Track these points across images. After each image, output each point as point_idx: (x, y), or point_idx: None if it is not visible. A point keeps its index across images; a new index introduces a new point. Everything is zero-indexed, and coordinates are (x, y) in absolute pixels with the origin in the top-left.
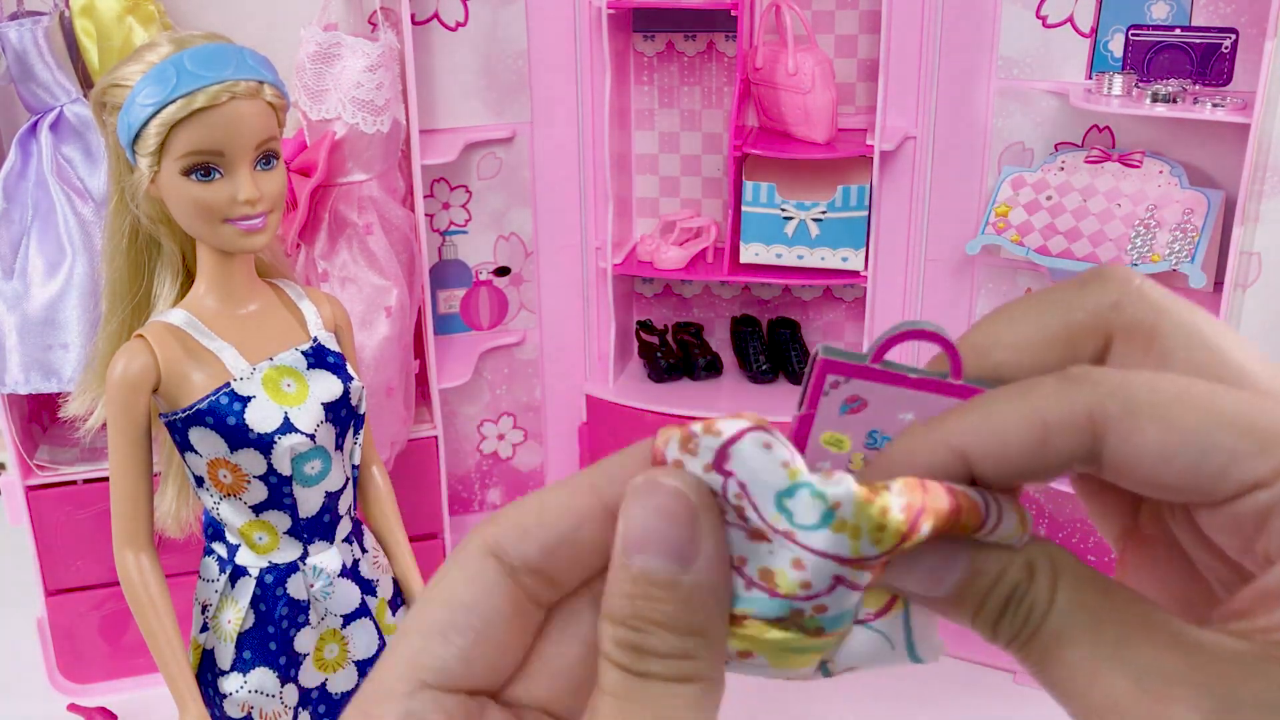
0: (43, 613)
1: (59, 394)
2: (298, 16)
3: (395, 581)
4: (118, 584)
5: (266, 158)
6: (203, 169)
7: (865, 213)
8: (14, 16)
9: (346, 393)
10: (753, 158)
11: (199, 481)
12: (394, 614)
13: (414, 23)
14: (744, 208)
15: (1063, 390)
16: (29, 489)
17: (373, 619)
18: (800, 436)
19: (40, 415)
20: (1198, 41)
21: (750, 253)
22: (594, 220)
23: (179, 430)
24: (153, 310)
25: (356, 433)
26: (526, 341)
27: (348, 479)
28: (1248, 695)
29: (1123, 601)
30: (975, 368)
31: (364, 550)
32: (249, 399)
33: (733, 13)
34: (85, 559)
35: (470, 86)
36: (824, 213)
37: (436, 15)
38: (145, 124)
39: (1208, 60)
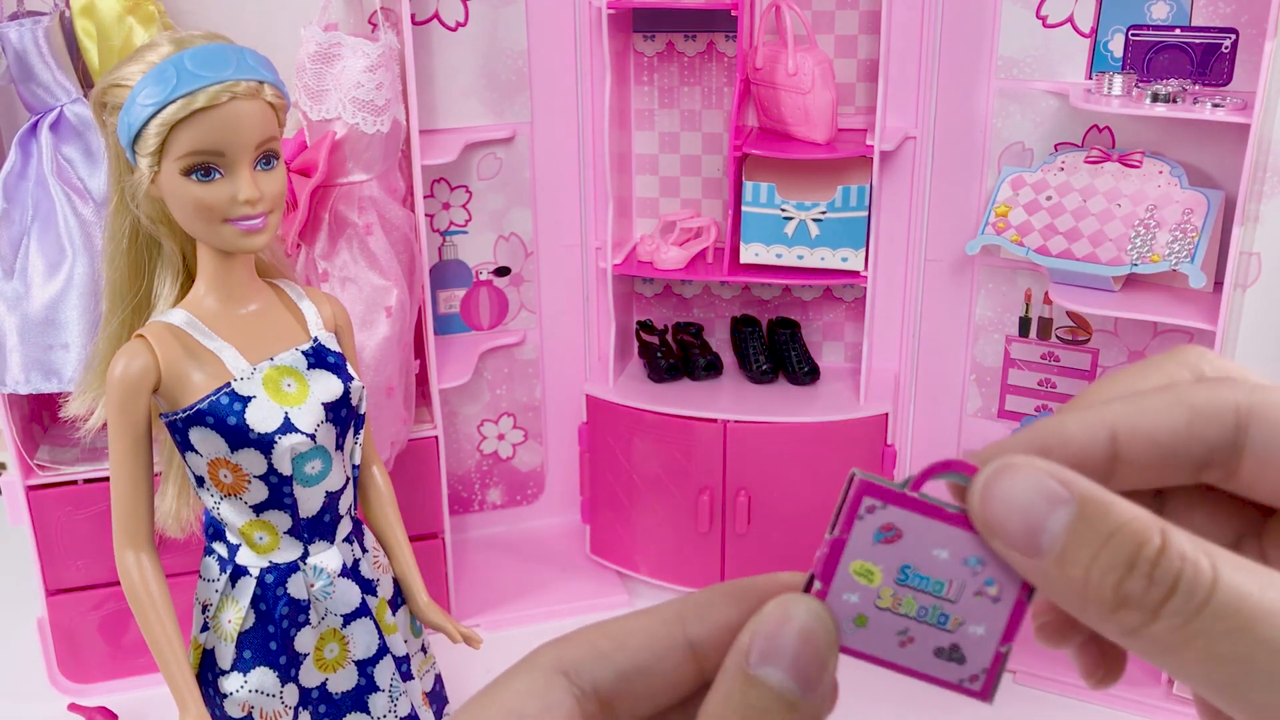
0: (43, 613)
1: (59, 394)
2: (298, 16)
3: (395, 581)
4: (118, 584)
5: (267, 158)
6: (203, 169)
7: (865, 213)
8: (14, 16)
9: (347, 392)
10: (753, 158)
11: (199, 481)
12: (394, 613)
13: (414, 23)
14: (744, 208)
15: (1210, 385)
16: (29, 489)
17: (373, 619)
18: (831, 563)
19: (40, 415)
20: (1198, 41)
21: (750, 253)
22: (594, 220)
23: (179, 430)
24: (153, 310)
25: (357, 433)
26: (526, 341)
27: (348, 479)
28: None
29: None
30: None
31: (364, 550)
32: (249, 399)
33: (733, 13)
34: (85, 559)
35: (470, 86)
36: (824, 213)
37: (436, 15)
38: (145, 124)
39: (1208, 60)
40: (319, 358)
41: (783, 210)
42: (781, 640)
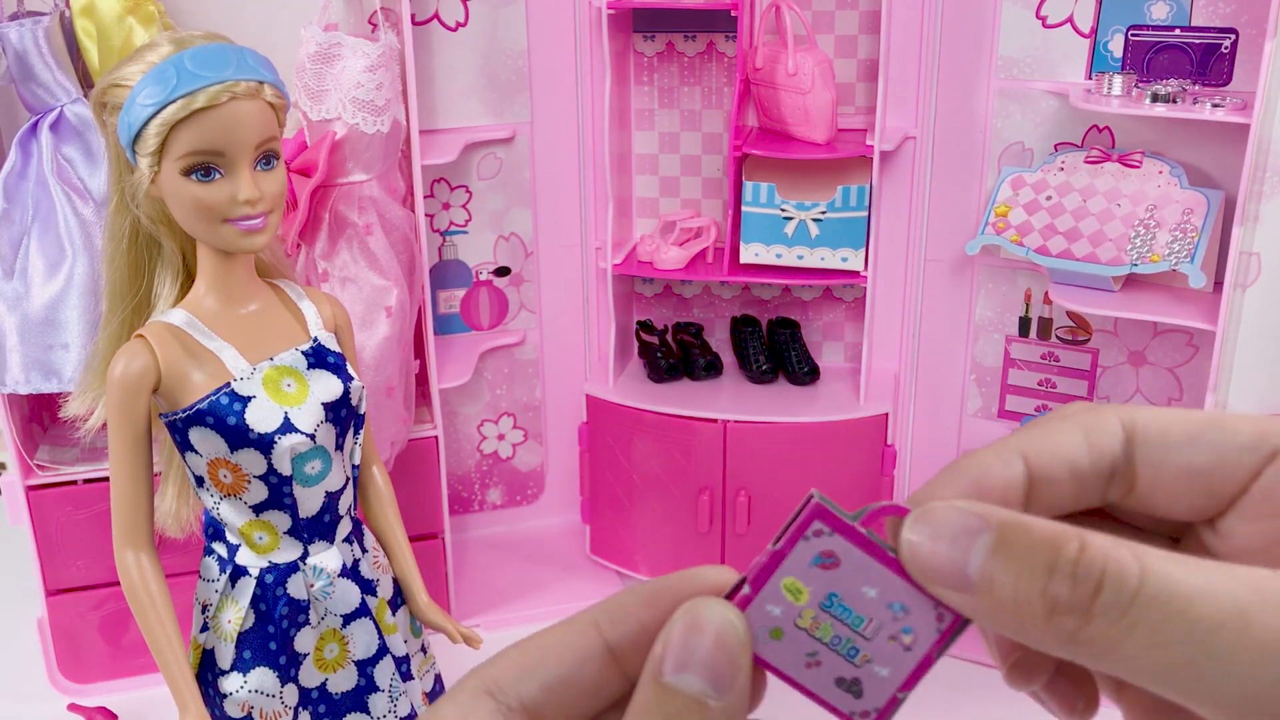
0: (43, 613)
1: (59, 394)
2: (298, 16)
3: (395, 581)
4: (118, 584)
5: (267, 158)
6: (203, 169)
7: (865, 213)
8: (14, 16)
9: (346, 393)
10: (753, 158)
11: (199, 481)
12: (393, 614)
13: (414, 23)
14: (744, 208)
15: (1093, 407)
16: (29, 489)
17: (373, 619)
18: (765, 572)
19: (40, 415)
20: (1197, 42)
21: (750, 253)
22: (594, 220)
23: (179, 430)
24: (153, 310)
25: (356, 433)
26: (526, 341)
27: (348, 479)
28: None
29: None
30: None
31: (364, 550)
32: (249, 399)
33: (733, 13)
34: (85, 559)
35: (470, 86)
36: (824, 213)
37: (436, 15)
38: (145, 124)
39: (1207, 60)
40: (319, 358)
41: (783, 210)
42: (693, 647)
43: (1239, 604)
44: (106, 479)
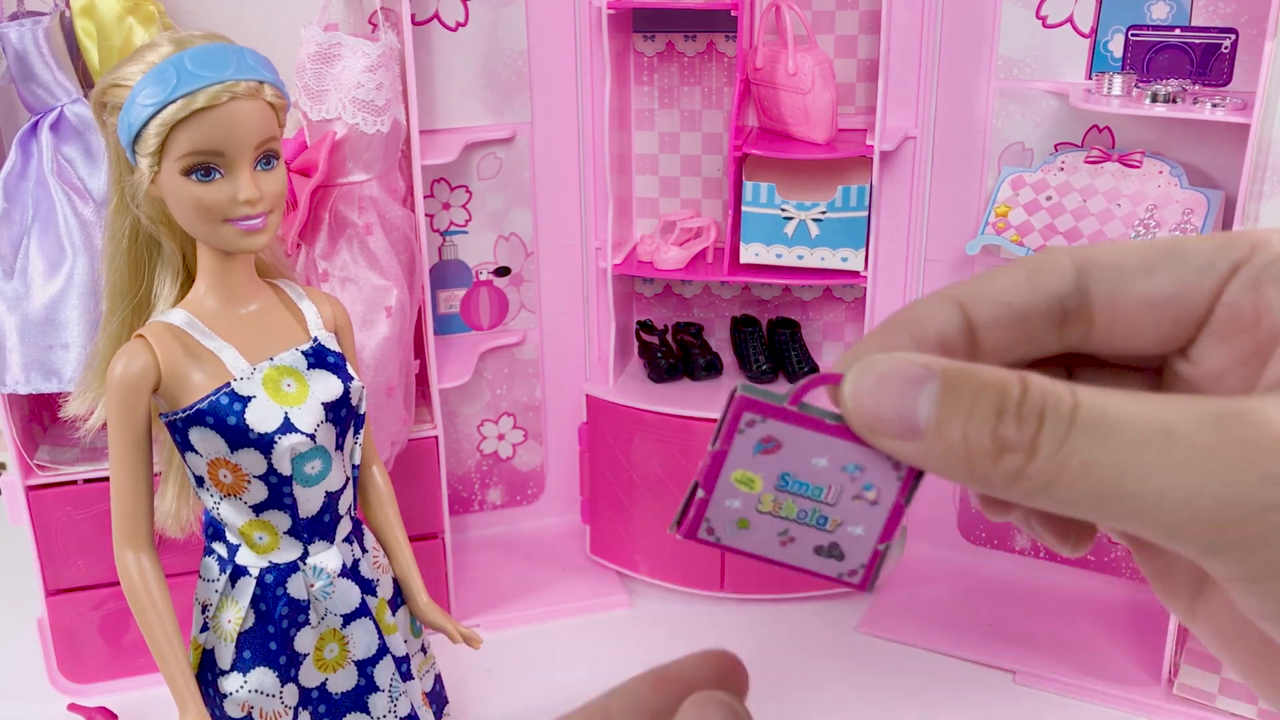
0: (43, 613)
1: (59, 394)
2: (298, 16)
3: (395, 581)
4: (118, 584)
5: (267, 158)
6: (203, 169)
7: (865, 213)
8: (14, 16)
9: (347, 392)
10: (753, 158)
11: (199, 481)
12: (394, 614)
13: (414, 23)
14: (744, 208)
15: (1045, 249)
16: (29, 489)
17: (373, 619)
18: (712, 473)
19: (40, 415)
20: (1197, 42)
21: (750, 253)
22: (594, 220)
23: (179, 430)
24: (153, 310)
25: (357, 433)
26: (526, 341)
27: (348, 479)
28: None
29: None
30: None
31: (364, 550)
32: (249, 399)
33: (733, 13)
34: (85, 559)
35: (470, 86)
36: (824, 213)
37: (436, 15)
38: (145, 124)
39: (1208, 60)
40: (319, 358)
41: (783, 210)
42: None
43: (1164, 422)
44: (107, 479)
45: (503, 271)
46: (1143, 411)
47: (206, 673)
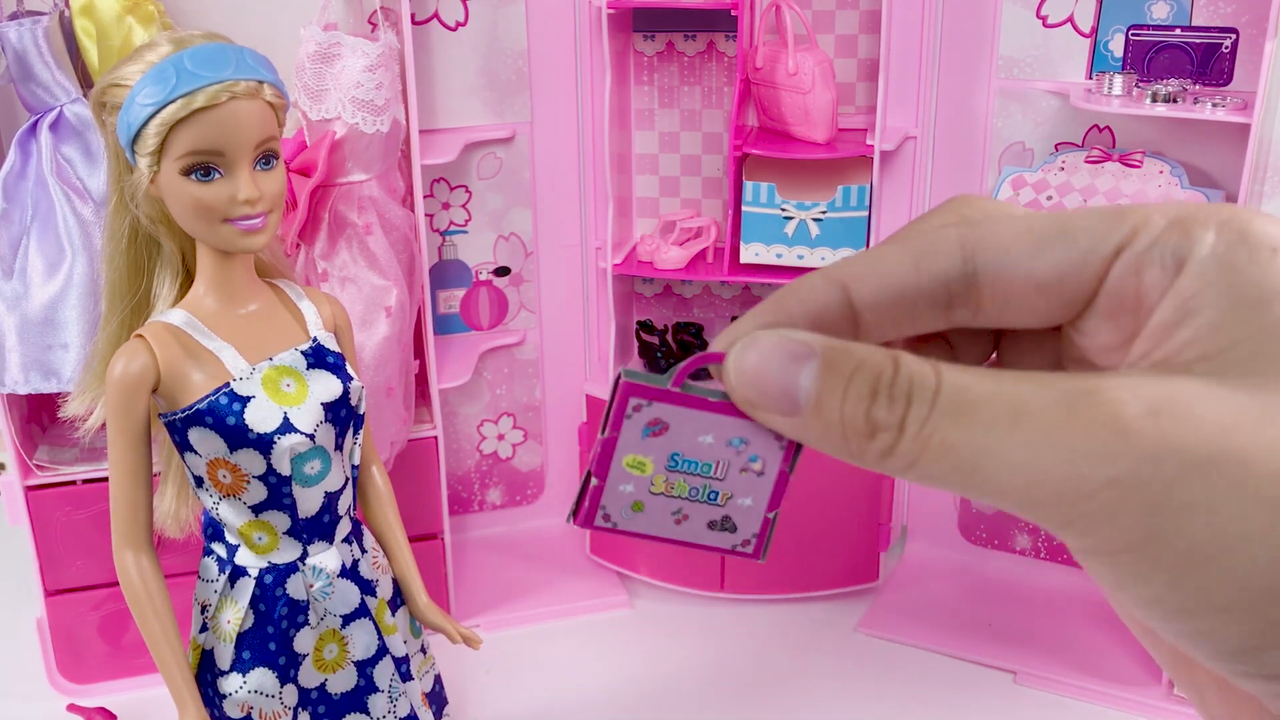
0: (42, 613)
1: (58, 394)
2: (298, 16)
3: (395, 582)
4: (117, 584)
5: (266, 157)
6: (202, 169)
7: (865, 213)
8: (14, 16)
9: (346, 393)
10: (753, 158)
11: (198, 482)
12: (393, 614)
13: (414, 23)
14: (744, 208)
15: (935, 229)
16: (28, 489)
17: (372, 619)
18: (604, 460)
19: (40, 415)
20: (1198, 41)
21: (750, 253)
22: (594, 220)
23: (178, 430)
24: (152, 310)
25: (356, 433)
26: (526, 341)
27: (347, 479)
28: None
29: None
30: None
31: (363, 550)
32: (248, 399)
33: (733, 13)
34: (85, 559)
35: (470, 86)
36: (824, 213)
37: (436, 15)
38: (145, 124)
39: (1208, 60)
40: (318, 358)
41: (783, 210)
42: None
43: (1019, 401)
44: (105, 479)
45: (502, 271)
46: (999, 391)
47: (206, 673)
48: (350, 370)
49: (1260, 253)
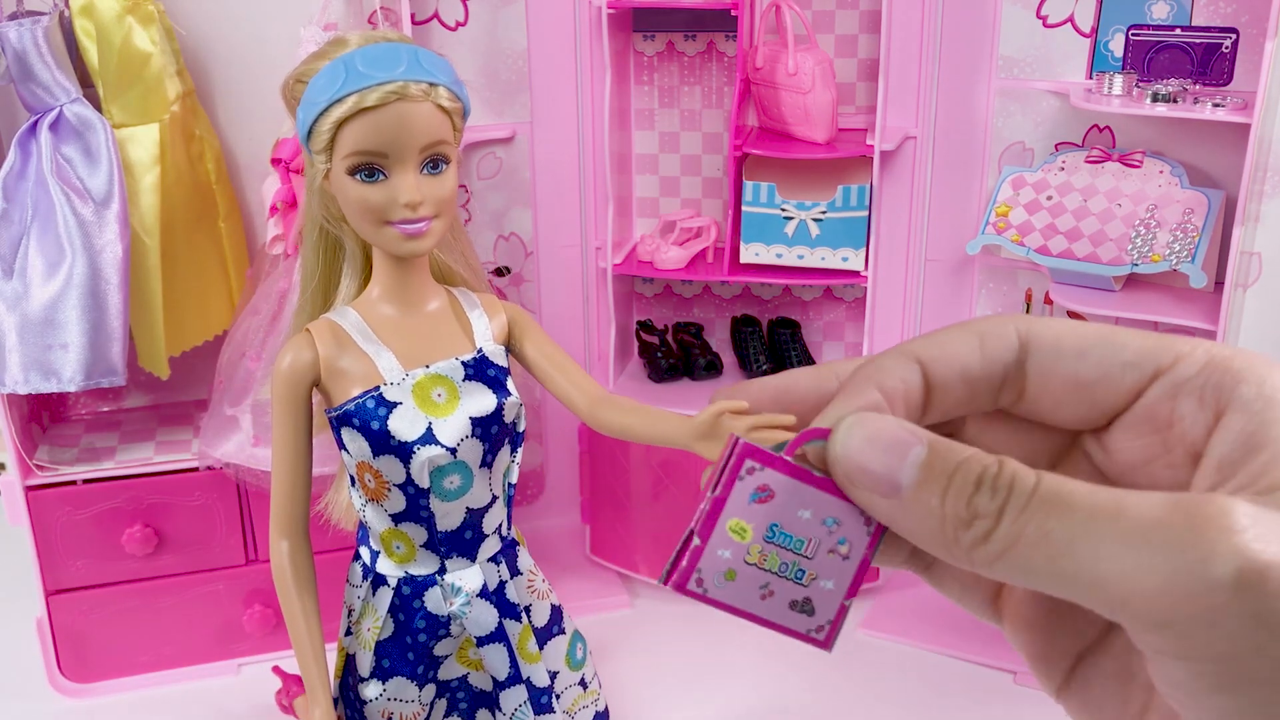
0: (42, 612)
1: (58, 394)
2: (298, 16)
3: (554, 610)
4: (117, 584)
5: (434, 161)
6: (366, 169)
7: (865, 213)
8: (14, 16)
9: (500, 408)
10: (753, 158)
11: (352, 481)
12: (543, 644)
13: (414, 23)
14: (744, 208)
15: (991, 316)
16: (28, 489)
17: (508, 645)
18: (710, 520)
19: (40, 415)
20: (1198, 41)
21: (750, 253)
22: (594, 220)
23: (335, 428)
24: (334, 302)
25: (514, 450)
26: None
27: (495, 496)
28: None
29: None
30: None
31: (516, 573)
32: (395, 405)
33: (733, 13)
34: (84, 559)
35: (470, 86)
36: (824, 213)
37: (436, 15)
38: (316, 121)
39: (1208, 60)
40: (479, 370)
41: (783, 210)
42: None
43: (1121, 497)
44: (104, 480)
45: (503, 271)
46: (1098, 490)
47: (349, 677)
48: (510, 386)
49: None
